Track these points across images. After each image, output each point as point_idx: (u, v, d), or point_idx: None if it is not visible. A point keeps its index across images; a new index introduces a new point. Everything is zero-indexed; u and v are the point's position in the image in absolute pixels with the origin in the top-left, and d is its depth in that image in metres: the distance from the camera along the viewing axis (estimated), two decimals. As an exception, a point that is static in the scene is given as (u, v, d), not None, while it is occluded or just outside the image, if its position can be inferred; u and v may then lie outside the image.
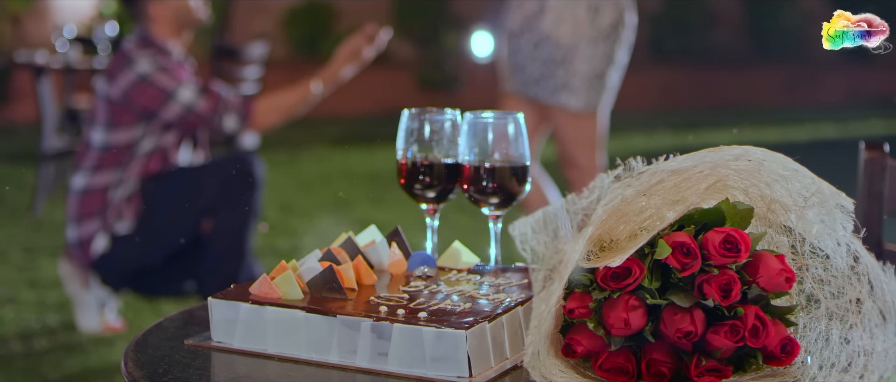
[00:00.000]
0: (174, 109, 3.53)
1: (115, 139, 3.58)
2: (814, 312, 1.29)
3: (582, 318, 1.25)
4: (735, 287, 1.21)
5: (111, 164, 3.59)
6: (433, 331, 1.29)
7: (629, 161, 1.31)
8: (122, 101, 3.55)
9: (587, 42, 3.90)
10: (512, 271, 1.59)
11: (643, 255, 1.23)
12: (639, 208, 1.27)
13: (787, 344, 1.23)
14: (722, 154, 1.29)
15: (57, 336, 3.88)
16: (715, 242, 1.22)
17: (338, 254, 1.50)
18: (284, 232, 5.38)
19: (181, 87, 3.53)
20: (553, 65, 3.94)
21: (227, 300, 1.42)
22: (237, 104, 3.61)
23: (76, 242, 3.64)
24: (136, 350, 1.41)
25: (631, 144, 8.54)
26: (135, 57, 3.58)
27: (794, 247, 1.32)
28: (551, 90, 3.97)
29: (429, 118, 1.65)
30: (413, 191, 1.67)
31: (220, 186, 3.61)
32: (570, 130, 4.04)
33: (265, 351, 1.39)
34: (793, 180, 1.30)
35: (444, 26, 11.44)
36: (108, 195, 3.61)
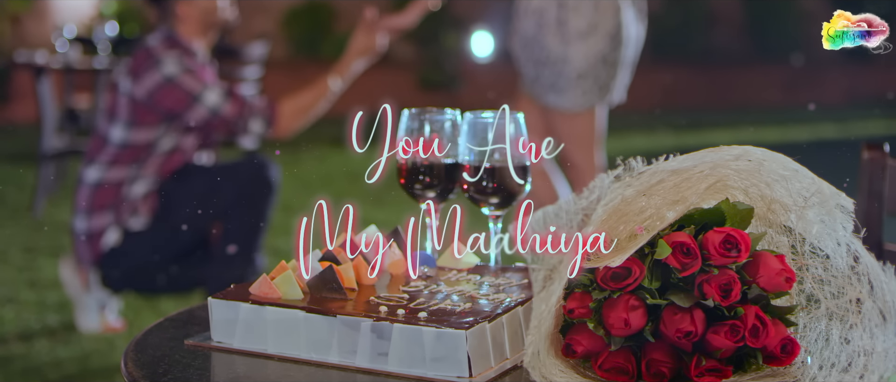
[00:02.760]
0: (200, 112, 3.51)
1: (136, 138, 3.56)
2: (814, 312, 1.29)
3: (582, 318, 1.25)
4: (735, 287, 1.21)
5: (128, 160, 3.58)
6: (433, 331, 1.29)
7: (629, 161, 1.31)
8: (147, 101, 3.53)
9: (574, 42, 3.89)
10: (512, 271, 1.59)
11: (643, 255, 1.23)
12: (639, 208, 1.27)
13: (788, 344, 1.23)
14: (722, 154, 1.29)
15: (57, 336, 3.88)
16: (715, 242, 1.22)
17: (338, 254, 1.50)
18: (284, 232, 5.38)
19: (207, 90, 3.52)
20: (541, 65, 3.93)
21: (227, 300, 1.42)
22: (262, 108, 3.60)
23: (85, 234, 3.63)
24: (136, 350, 1.41)
25: (631, 143, 8.54)
26: (161, 57, 3.55)
27: (794, 247, 1.32)
28: (542, 91, 3.97)
29: (429, 118, 1.65)
30: (413, 191, 1.66)
31: (238, 189, 3.61)
32: (566, 130, 4.04)
33: (265, 351, 1.39)
34: (793, 180, 1.30)
35: (444, 26, 11.44)
36: (123, 190, 3.60)
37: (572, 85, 3.93)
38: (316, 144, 8.54)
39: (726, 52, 12.70)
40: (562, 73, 3.91)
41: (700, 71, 12.28)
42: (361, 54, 3.61)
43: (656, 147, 8.06)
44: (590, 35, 3.89)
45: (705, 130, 9.64)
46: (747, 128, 9.88)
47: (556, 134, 4.09)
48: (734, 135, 9.07)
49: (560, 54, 3.90)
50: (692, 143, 6.04)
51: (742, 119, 10.46)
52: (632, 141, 8.68)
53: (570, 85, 3.93)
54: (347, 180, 7.00)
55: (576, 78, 3.92)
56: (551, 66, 3.92)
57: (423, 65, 11.36)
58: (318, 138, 8.73)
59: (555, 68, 3.92)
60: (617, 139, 7.37)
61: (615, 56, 3.97)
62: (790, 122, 10.41)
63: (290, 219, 5.99)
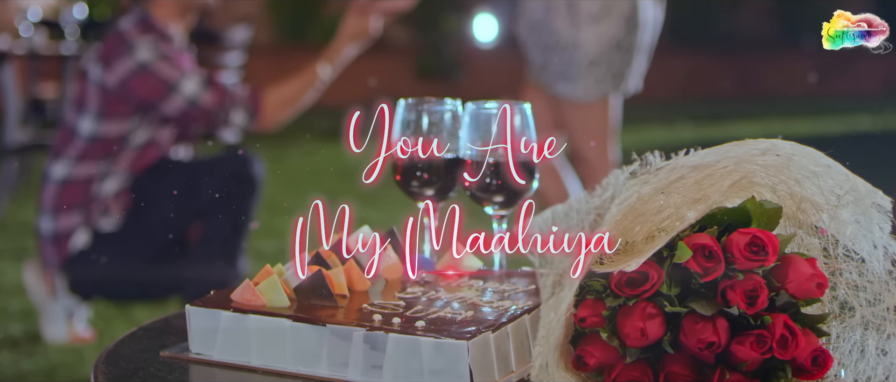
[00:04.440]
0: (176, 102, 3.51)
1: (106, 130, 3.56)
2: (848, 321, 1.30)
3: (594, 327, 1.25)
4: (762, 294, 1.21)
5: (98, 155, 3.58)
6: (432, 342, 1.29)
7: (646, 156, 1.31)
8: (119, 90, 3.53)
9: (586, 25, 3.89)
10: (518, 275, 1.59)
11: (661, 258, 1.23)
12: (656, 207, 1.27)
13: (819, 356, 1.23)
14: (747, 148, 1.29)
15: (20, 347, 3.88)
16: (740, 244, 1.22)
17: (328, 257, 1.50)
18: (269, 234, 5.38)
19: (184, 78, 3.52)
20: (549, 51, 3.93)
21: (206, 307, 1.42)
22: (245, 98, 3.60)
23: (51, 235, 3.63)
24: (107, 362, 1.41)
25: (648, 136, 8.55)
26: (135, 42, 3.55)
27: (826, 250, 1.32)
28: (550, 79, 3.97)
29: (427, 109, 1.65)
30: (410, 189, 1.67)
31: (218, 187, 3.61)
32: (576, 121, 4.04)
33: (248, 364, 1.39)
34: (825, 176, 1.30)
35: (444, 8, 11.44)
36: (93, 188, 3.60)
37: (584, 72, 3.93)
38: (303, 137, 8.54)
39: (752, 36, 12.71)
40: (572, 59, 3.92)
41: (723, 57, 12.29)
42: (353, 39, 3.61)
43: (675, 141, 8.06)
44: (603, 18, 3.89)
45: (729, 122, 9.65)
46: (775, 119, 9.89)
47: (566, 126, 4.10)
48: (761, 127, 9.08)
49: (570, 39, 3.90)
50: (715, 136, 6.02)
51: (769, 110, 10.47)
52: (649, 134, 8.69)
53: (582, 73, 3.93)
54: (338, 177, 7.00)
55: (587, 65, 3.93)
56: (561, 51, 3.92)
57: (421, 51, 11.36)
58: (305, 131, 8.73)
59: (565, 54, 3.92)
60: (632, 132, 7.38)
61: (630, 41, 3.97)
62: (822, 113, 10.42)
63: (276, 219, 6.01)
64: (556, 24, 3.90)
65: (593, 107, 4.01)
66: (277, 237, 5.34)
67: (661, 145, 1.39)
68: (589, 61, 3.92)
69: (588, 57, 3.92)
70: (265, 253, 4.92)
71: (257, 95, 3.64)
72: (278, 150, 8.01)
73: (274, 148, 8.03)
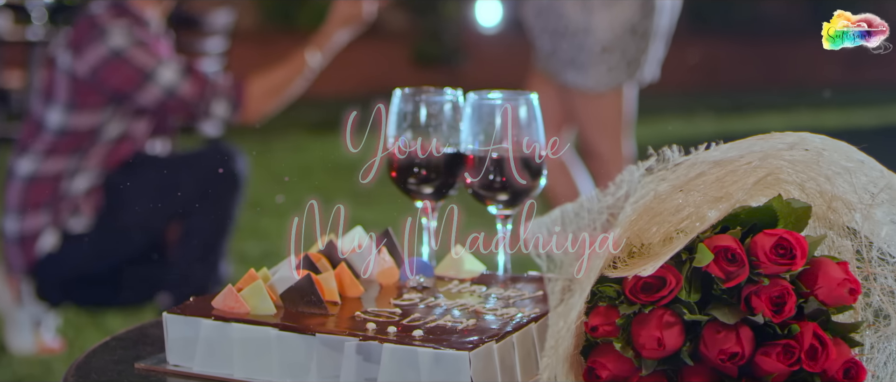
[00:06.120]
0: (153, 92, 3.51)
1: (76, 122, 3.56)
2: (883, 330, 1.30)
3: (607, 337, 1.25)
4: (789, 301, 1.21)
5: (68, 149, 3.58)
6: (430, 353, 1.29)
7: (663, 151, 1.31)
8: (90, 79, 3.53)
9: (598, 9, 3.88)
10: (524, 280, 1.59)
11: (680, 262, 1.24)
12: (675, 206, 1.27)
13: (851, 368, 1.23)
14: (773, 142, 1.29)
15: (-17, 358, 3.88)
16: (765, 246, 1.22)
17: (317, 261, 1.50)
18: (253, 235, 5.38)
19: (161, 66, 3.52)
20: (558, 37, 3.93)
21: (185, 315, 1.42)
22: (227, 88, 3.60)
23: (16, 237, 3.63)
24: (77, 374, 1.41)
25: (665, 130, 8.55)
26: (107, 27, 3.55)
27: (859, 253, 1.32)
28: (559, 67, 3.97)
29: (425, 99, 1.65)
30: (407, 186, 1.67)
31: (198, 184, 3.61)
32: (587, 112, 4.03)
33: (231, 377, 1.39)
34: (858, 172, 1.30)
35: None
36: (62, 185, 3.60)
37: (595, 60, 3.93)
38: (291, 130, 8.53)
39: (778, 21, 12.71)
40: (583, 45, 3.91)
41: (747, 44, 12.29)
42: (345, 24, 3.61)
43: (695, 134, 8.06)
44: (616, 1, 3.89)
45: (753, 114, 9.65)
46: (803, 111, 9.89)
47: (576, 118, 4.09)
48: (788, 120, 9.08)
49: (581, 24, 3.90)
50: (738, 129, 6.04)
51: (797, 101, 10.46)
52: (666, 127, 8.69)
53: (593, 60, 3.93)
54: (328, 174, 7.01)
55: (600, 52, 3.92)
56: (571, 37, 3.92)
57: (419, 36, 11.36)
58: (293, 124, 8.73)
59: (575, 40, 3.92)
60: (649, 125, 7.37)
61: (646, 26, 3.97)
62: (854, 104, 10.41)
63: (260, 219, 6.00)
64: (566, 7, 3.89)
65: (606, 97, 4.01)
66: (262, 239, 5.35)
67: (680, 139, 1.39)
68: (601, 48, 3.92)
69: (600, 43, 3.91)
70: (249, 256, 4.92)
71: (241, 84, 3.64)
72: (264, 144, 8.00)
73: (259, 142, 8.02)
